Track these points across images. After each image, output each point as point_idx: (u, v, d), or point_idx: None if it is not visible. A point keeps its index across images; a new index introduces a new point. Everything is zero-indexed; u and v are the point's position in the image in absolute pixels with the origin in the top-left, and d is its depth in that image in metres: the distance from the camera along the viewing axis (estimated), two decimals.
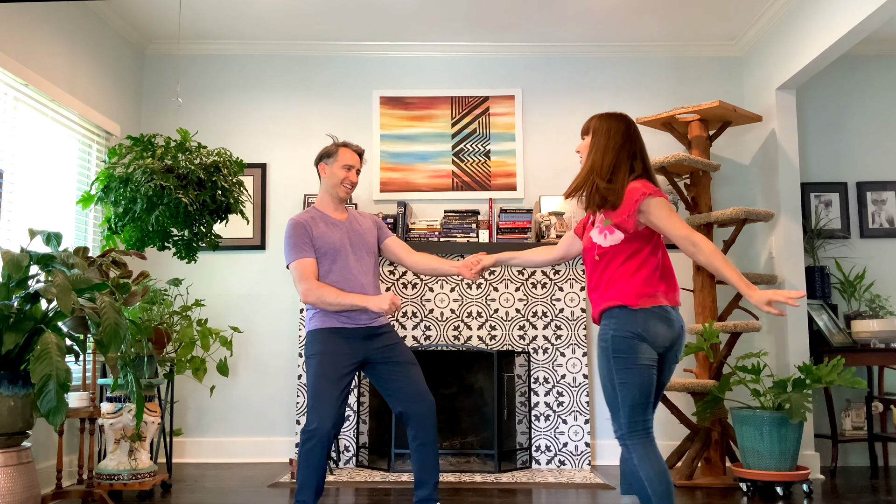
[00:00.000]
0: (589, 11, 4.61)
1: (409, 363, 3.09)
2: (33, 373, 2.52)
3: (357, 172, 3.20)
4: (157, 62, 5.13)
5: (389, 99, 5.07)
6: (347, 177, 3.16)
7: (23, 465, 2.69)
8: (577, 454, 4.54)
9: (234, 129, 5.08)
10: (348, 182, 3.16)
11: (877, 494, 3.85)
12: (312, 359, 3.02)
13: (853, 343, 4.53)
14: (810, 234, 4.83)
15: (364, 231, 3.21)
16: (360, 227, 3.21)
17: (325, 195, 3.21)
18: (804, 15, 4.18)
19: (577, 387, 4.61)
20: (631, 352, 2.42)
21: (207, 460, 4.80)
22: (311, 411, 2.93)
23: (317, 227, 3.10)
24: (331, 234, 3.10)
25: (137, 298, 3.22)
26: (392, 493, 3.82)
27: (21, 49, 3.70)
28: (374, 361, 3.08)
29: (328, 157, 3.19)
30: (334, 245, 3.08)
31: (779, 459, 3.73)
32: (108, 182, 3.45)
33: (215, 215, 3.60)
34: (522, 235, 4.79)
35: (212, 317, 4.89)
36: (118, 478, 3.54)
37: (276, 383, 4.87)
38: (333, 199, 3.20)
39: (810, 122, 5.03)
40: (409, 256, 3.25)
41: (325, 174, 3.20)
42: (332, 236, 3.09)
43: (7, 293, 2.77)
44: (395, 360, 3.07)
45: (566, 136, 5.06)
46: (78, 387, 3.90)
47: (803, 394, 3.70)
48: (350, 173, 3.17)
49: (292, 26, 4.84)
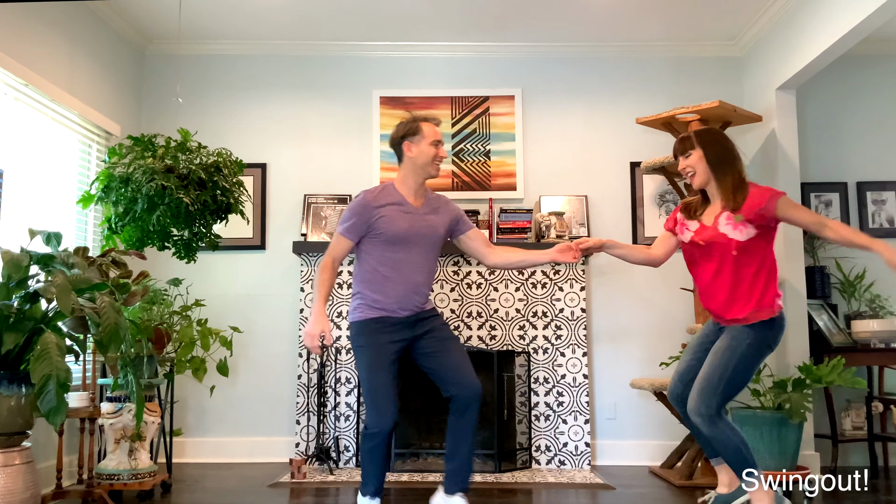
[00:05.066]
0: (589, 11, 4.61)
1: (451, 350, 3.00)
2: (33, 373, 2.52)
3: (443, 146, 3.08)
4: (157, 62, 5.13)
5: (389, 99, 5.07)
6: (438, 153, 3.01)
7: (23, 465, 2.70)
8: (577, 454, 4.54)
9: (234, 129, 5.08)
10: (439, 159, 3.02)
11: (877, 494, 3.86)
12: (362, 350, 2.95)
13: (853, 343, 4.53)
14: (810, 234, 4.82)
15: (436, 223, 3.05)
16: (434, 217, 3.05)
17: (411, 176, 3.03)
18: (804, 15, 4.18)
19: (577, 387, 4.61)
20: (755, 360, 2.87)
21: (207, 460, 4.80)
22: (371, 412, 2.87)
23: (386, 209, 2.96)
24: (399, 222, 2.95)
25: (137, 298, 3.22)
26: (392, 493, 3.82)
27: (21, 49, 3.70)
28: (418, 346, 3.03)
29: (412, 136, 3.00)
30: (398, 233, 2.95)
31: (779, 459, 3.73)
32: (109, 182, 3.45)
33: (216, 215, 3.60)
34: (522, 235, 4.79)
35: (212, 317, 4.87)
36: (118, 478, 3.54)
37: (276, 383, 4.87)
38: (418, 180, 3.03)
39: (810, 122, 5.03)
40: (491, 253, 3.12)
41: (410, 153, 3.00)
42: (399, 223, 2.95)
43: (7, 293, 2.77)
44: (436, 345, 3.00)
45: (566, 136, 5.06)
46: (78, 387, 3.90)
47: (803, 394, 3.71)
48: (440, 149, 3.02)
49: (292, 26, 4.84)
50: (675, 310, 4.88)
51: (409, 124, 3.04)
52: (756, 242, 2.88)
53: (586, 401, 4.60)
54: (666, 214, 4.94)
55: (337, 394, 4.58)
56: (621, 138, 5.04)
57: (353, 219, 2.97)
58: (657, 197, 4.97)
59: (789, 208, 2.84)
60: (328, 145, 5.06)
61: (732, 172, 2.94)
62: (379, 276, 2.98)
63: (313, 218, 4.86)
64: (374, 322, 2.97)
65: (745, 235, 2.85)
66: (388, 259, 2.97)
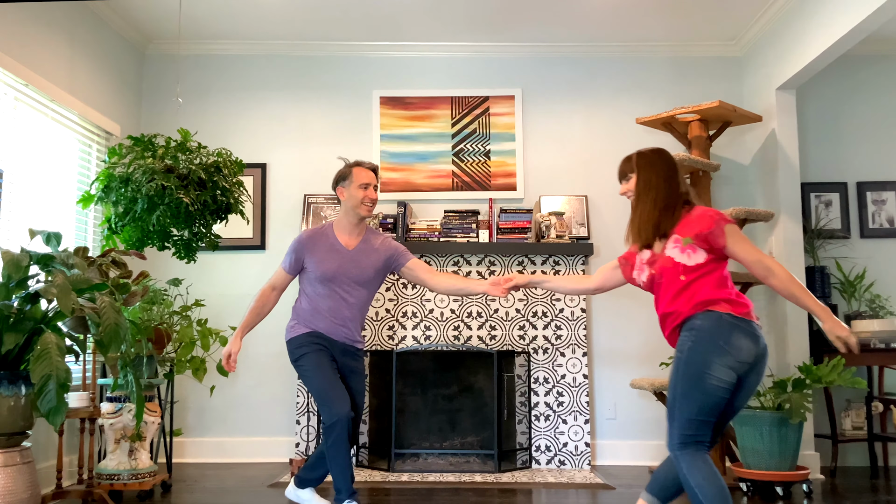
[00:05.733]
0: (589, 11, 4.61)
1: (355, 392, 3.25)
2: (33, 373, 2.52)
3: (375, 188, 3.23)
4: (157, 62, 5.13)
5: (389, 99, 5.07)
6: (366, 195, 3.19)
7: (23, 465, 2.70)
8: (577, 454, 4.54)
9: (234, 129, 5.08)
10: (368, 200, 3.19)
11: (877, 494, 3.86)
12: (303, 357, 3.13)
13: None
14: (810, 234, 4.83)
15: (369, 263, 3.23)
16: (365, 258, 3.23)
17: (345, 217, 3.26)
18: (804, 15, 4.18)
19: (577, 387, 4.61)
20: (704, 365, 2.38)
21: (207, 460, 4.80)
22: (324, 405, 3.00)
23: (318, 251, 3.18)
24: (328, 263, 3.18)
25: (137, 298, 3.22)
26: (392, 493, 3.82)
27: (21, 49, 3.70)
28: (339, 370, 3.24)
29: (343, 181, 3.24)
30: (326, 274, 3.17)
31: (779, 459, 3.73)
32: (109, 182, 3.45)
33: (216, 215, 3.60)
34: (522, 235, 4.79)
35: (212, 317, 4.89)
36: (118, 478, 3.54)
37: (276, 383, 4.87)
38: (352, 221, 3.24)
39: (810, 122, 5.03)
40: (433, 279, 3.28)
41: (343, 197, 3.24)
42: (328, 265, 3.18)
43: (7, 293, 2.77)
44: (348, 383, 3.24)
45: (566, 136, 5.06)
46: (78, 387, 3.90)
47: (803, 394, 3.70)
48: (368, 191, 3.19)
49: (292, 26, 4.84)
50: None
51: (342, 170, 3.27)
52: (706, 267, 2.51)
53: (586, 401, 4.60)
54: None
55: None
56: (621, 138, 5.04)
57: (291, 256, 3.24)
58: None
59: (737, 239, 2.49)
60: (328, 145, 5.06)
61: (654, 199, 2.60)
62: (311, 308, 3.21)
63: (313, 218, 4.86)
64: (309, 335, 3.18)
65: (692, 260, 2.49)
66: (320, 293, 3.20)
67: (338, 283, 3.17)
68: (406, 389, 4.75)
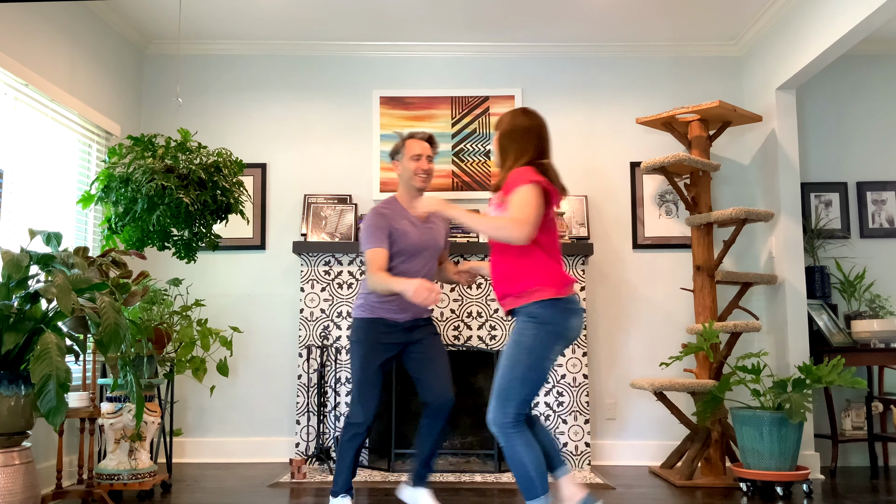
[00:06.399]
0: (589, 11, 4.61)
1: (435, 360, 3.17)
2: (33, 373, 2.52)
3: (429, 159, 3.21)
4: (157, 62, 5.13)
5: (389, 99, 5.07)
6: (418, 166, 3.18)
7: (23, 465, 2.69)
8: (577, 454, 4.54)
9: (234, 129, 5.08)
10: (421, 171, 3.18)
11: (877, 494, 3.86)
12: (359, 345, 3.13)
13: (853, 343, 4.53)
14: (810, 234, 4.83)
15: (437, 233, 3.24)
16: (434, 226, 3.25)
17: (405, 191, 3.24)
18: (804, 15, 4.18)
19: (577, 387, 4.61)
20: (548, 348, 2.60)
21: (207, 460, 4.80)
22: (357, 405, 3.04)
23: (399, 222, 3.14)
24: (412, 235, 3.14)
25: (137, 298, 3.22)
26: (392, 493, 3.82)
27: (21, 49, 3.70)
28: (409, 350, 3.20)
29: (397, 154, 3.25)
30: (413, 245, 3.13)
31: (779, 459, 3.73)
32: (109, 182, 3.45)
33: (216, 215, 3.60)
34: None
35: (212, 317, 4.89)
36: (118, 478, 3.54)
37: (276, 383, 4.87)
38: (411, 192, 3.23)
39: (810, 122, 5.03)
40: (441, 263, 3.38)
41: (398, 171, 3.24)
42: (412, 237, 3.14)
43: (7, 293, 2.77)
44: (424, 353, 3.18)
45: (566, 136, 5.06)
46: (78, 387, 3.91)
47: (803, 394, 3.70)
48: (420, 162, 3.18)
49: (292, 26, 4.84)
50: (675, 310, 4.88)
51: (396, 144, 3.26)
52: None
53: (586, 401, 4.60)
54: (666, 214, 4.95)
55: (337, 394, 4.58)
56: (621, 138, 5.04)
57: (378, 232, 3.09)
58: (657, 197, 4.97)
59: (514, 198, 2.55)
60: (328, 145, 5.06)
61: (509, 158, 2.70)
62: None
63: (313, 218, 4.86)
64: (375, 322, 3.15)
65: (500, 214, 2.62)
66: (394, 268, 3.15)
67: (420, 255, 3.15)
68: (406, 389, 4.75)
